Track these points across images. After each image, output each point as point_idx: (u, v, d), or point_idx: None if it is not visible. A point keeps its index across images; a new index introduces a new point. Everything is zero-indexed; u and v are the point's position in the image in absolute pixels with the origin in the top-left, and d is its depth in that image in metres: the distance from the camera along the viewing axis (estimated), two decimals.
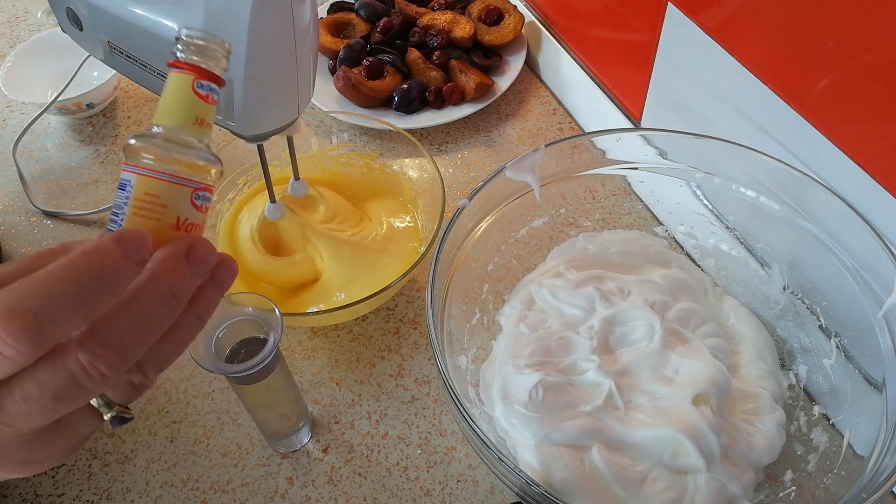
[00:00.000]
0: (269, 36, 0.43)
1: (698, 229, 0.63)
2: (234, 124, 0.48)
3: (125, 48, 0.49)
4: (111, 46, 0.50)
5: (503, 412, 0.53)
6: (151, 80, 0.49)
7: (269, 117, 0.49)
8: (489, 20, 0.87)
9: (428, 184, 0.68)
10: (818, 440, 0.52)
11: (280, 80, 0.46)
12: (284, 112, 0.49)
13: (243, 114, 0.46)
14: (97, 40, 0.50)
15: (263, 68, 0.44)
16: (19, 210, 0.77)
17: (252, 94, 0.45)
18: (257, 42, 0.43)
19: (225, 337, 0.47)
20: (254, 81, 0.45)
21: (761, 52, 0.55)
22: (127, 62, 0.49)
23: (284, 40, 0.44)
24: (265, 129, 0.49)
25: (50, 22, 0.98)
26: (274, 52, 0.44)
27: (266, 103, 0.47)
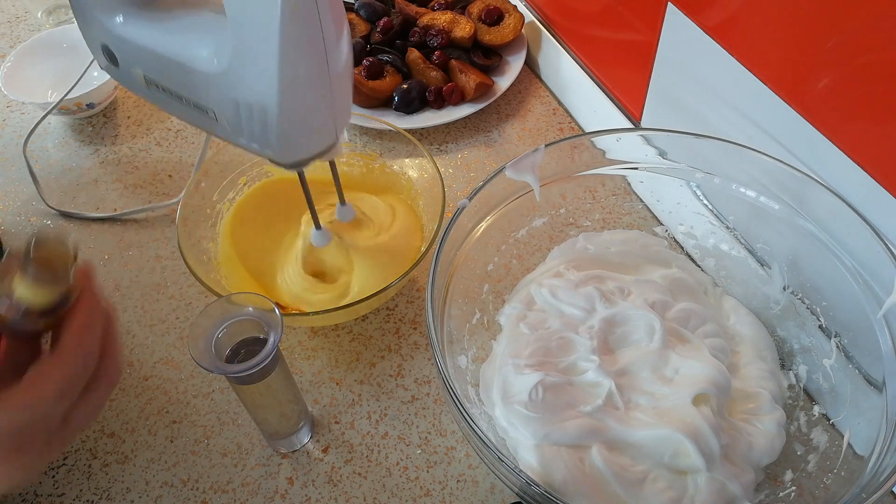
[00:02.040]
0: (301, 58, 0.42)
1: (698, 229, 0.63)
2: (272, 152, 0.47)
3: (160, 81, 0.49)
4: (147, 81, 0.49)
5: (503, 412, 0.53)
6: (188, 111, 0.49)
7: (306, 143, 0.47)
8: (489, 20, 0.87)
9: (428, 184, 0.68)
10: (818, 440, 0.52)
11: (315, 105, 0.45)
12: (322, 136, 0.48)
13: (279, 142, 0.45)
14: (134, 75, 0.50)
15: (297, 97, 0.44)
16: (18, 210, 0.77)
17: (287, 122, 0.44)
18: (289, 72, 0.42)
19: (225, 337, 0.47)
20: (288, 110, 0.44)
21: (761, 52, 0.55)
22: (164, 95, 0.49)
23: (317, 60, 0.43)
24: (304, 156, 0.48)
25: (50, 22, 0.99)
26: (307, 81, 0.43)
27: (302, 130, 0.46)
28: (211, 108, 0.47)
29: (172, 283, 0.71)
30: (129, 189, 0.79)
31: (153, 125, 0.86)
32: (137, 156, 0.83)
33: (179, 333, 0.67)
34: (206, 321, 0.47)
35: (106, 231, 0.75)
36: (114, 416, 0.62)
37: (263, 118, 0.44)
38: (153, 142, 0.84)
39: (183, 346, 0.66)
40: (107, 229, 0.75)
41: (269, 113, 0.44)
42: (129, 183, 0.80)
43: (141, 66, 0.49)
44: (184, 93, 0.48)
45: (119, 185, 0.80)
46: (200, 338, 0.46)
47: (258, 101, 0.44)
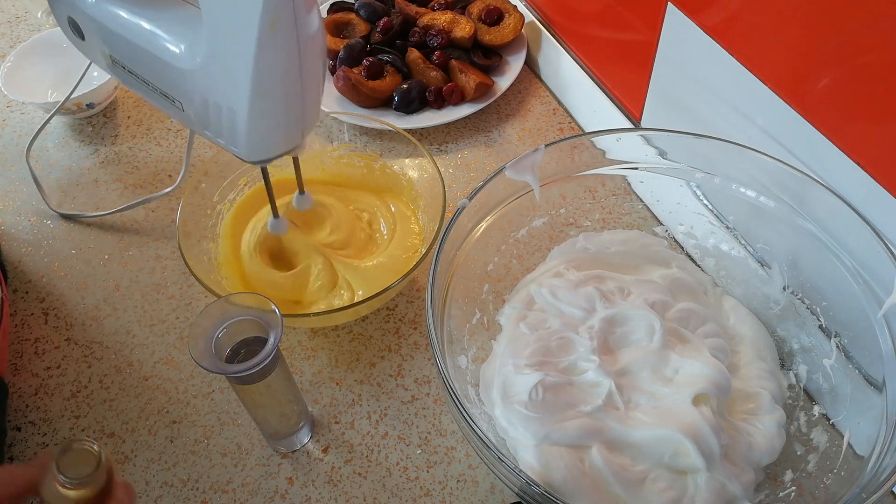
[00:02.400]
0: (274, 66, 0.42)
1: (698, 229, 0.63)
2: (237, 150, 0.47)
3: (127, 63, 0.48)
4: (113, 61, 0.49)
5: (503, 412, 0.53)
6: (153, 95, 0.48)
7: (273, 144, 0.47)
8: (489, 20, 0.87)
9: (428, 183, 0.68)
10: (818, 440, 0.52)
11: (285, 108, 0.45)
12: (289, 138, 0.48)
13: (247, 141, 0.46)
14: (99, 52, 0.50)
15: (268, 97, 0.43)
16: (18, 210, 0.77)
17: (256, 122, 0.44)
18: (263, 69, 0.42)
19: (225, 337, 0.47)
20: (258, 110, 0.44)
21: (761, 52, 0.55)
22: (129, 76, 0.49)
23: (290, 69, 0.43)
24: (269, 155, 0.48)
25: (50, 22, 0.98)
26: (279, 81, 0.43)
27: (270, 131, 0.46)
28: (178, 98, 0.47)
29: (172, 283, 0.71)
30: (129, 189, 0.79)
31: (153, 125, 0.86)
32: (137, 156, 0.83)
33: (179, 333, 0.67)
34: (206, 321, 0.47)
35: (106, 231, 0.75)
36: (114, 416, 0.62)
37: (232, 118, 0.44)
38: (153, 142, 0.84)
39: (183, 346, 0.66)
40: (107, 229, 0.75)
41: (239, 115, 0.44)
42: (129, 183, 0.80)
43: (108, 46, 0.48)
44: (152, 80, 0.47)
45: (119, 185, 0.80)
46: (200, 338, 0.46)
47: (228, 103, 0.44)
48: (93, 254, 0.73)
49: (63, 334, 0.67)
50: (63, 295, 0.70)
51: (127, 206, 0.76)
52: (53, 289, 0.71)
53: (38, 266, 0.73)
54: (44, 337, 0.67)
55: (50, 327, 0.68)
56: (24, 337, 0.67)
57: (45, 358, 0.66)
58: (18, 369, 0.65)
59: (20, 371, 0.65)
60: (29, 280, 0.71)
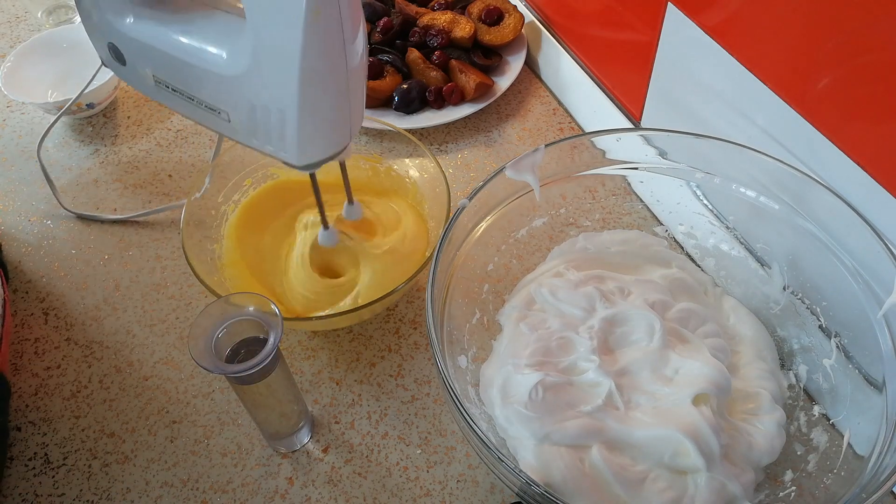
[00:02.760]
0: (321, 61, 0.42)
1: (698, 229, 0.63)
2: (287, 154, 0.46)
3: (170, 81, 0.48)
4: (156, 81, 0.49)
5: (503, 412, 0.53)
6: (198, 111, 0.48)
7: (322, 145, 0.47)
8: (489, 20, 0.87)
9: (429, 184, 0.68)
10: (818, 440, 0.52)
11: (333, 107, 0.45)
12: (338, 138, 0.47)
13: (297, 144, 0.45)
14: (142, 75, 0.49)
15: (316, 98, 0.43)
16: (18, 210, 0.78)
17: (305, 124, 0.44)
18: (309, 74, 0.42)
19: (225, 337, 0.47)
20: (306, 113, 0.43)
21: (761, 52, 0.55)
22: (174, 95, 0.49)
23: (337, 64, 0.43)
24: (319, 158, 0.48)
25: (50, 22, 0.99)
26: (326, 81, 0.43)
27: (319, 132, 0.46)
28: (224, 109, 0.46)
29: (172, 283, 0.71)
30: (129, 189, 0.79)
31: (153, 125, 0.86)
32: (137, 156, 0.83)
33: (179, 333, 0.67)
34: (207, 321, 0.47)
35: (106, 231, 0.75)
36: (114, 416, 0.62)
37: (281, 121, 0.44)
38: (153, 142, 0.84)
39: (183, 346, 0.66)
40: (107, 229, 0.75)
41: (288, 116, 0.44)
42: (129, 183, 0.80)
43: (150, 66, 0.48)
44: (196, 94, 0.47)
45: (119, 185, 0.80)
46: (200, 338, 0.46)
47: (276, 105, 0.44)
48: (93, 254, 0.73)
49: (63, 334, 0.67)
50: (63, 295, 0.70)
51: (153, 211, 0.76)
52: (53, 289, 0.71)
53: (38, 266, 0.73)
54: (44, 337, 0.67)
55: (50, 327, 0.68)
56: (24, 337, 0.67)
57: (45, 358, 0.66)
58: (18, 369, 0.65)
59: (20, 371, 0.65)
60: (29, 280, 0.71)
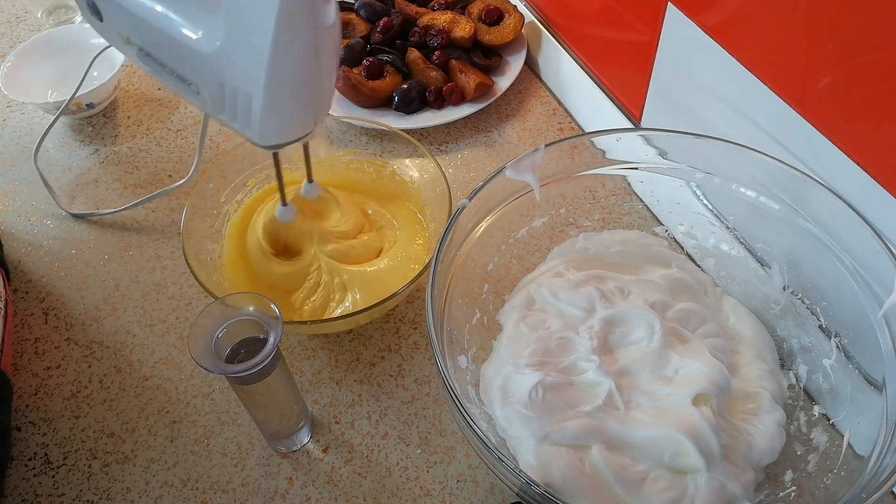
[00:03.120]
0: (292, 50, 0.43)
1: (698, 229, 0.63)
2: (251, 133, 0.47)
3: (144, 46, 0.49)
4: (130, 42, 0.49)
5: (503, 412, 0.53)
6: (170, 79, 0.49)
7: (286, 129, 0.48)
8: (489, 20, 0.87)
9: (429, 184, 0.68)
10: (818, 440, 0.52)
11: (300, 93, 0.46)
12: (302, 124, 0.48)
13: (261, 125, 0.46)
14: (117, 33, 0.50)
15: (284, 81, 0.44)
16: (18, 210, 0.78)
17: (271, 106, 0.45)
18: (279, 55, 0.42)
19: (225, 337, 0.47)
20: (273, 94, 0.44)
21: (761, 52, 0.55)
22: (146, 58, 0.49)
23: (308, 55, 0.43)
24: (281, 140, 0.48)
25: (50, 22, 0.99)
26: (296, 67, 0.44)
27: (284, 115, 0.46)
28: (195, 82, 0.47)
29: (172, 283, 0.71)
30: (129, 189, 0.79)
31: (153, 125, 0.86)
32: (137, 156, 0.83)
33: (179, 333, 0.67)
34: (207, 321, 0.47)
35: (106, 231, 0.75)
36: (114, 416, 0.62)
37: (247, 102, 0.45)
38: (153, 142, 0.84)
39: (183, 346, 0.66)
40: (107, 229, 0.75)
41: (254, 99, 0.44)
42: (129, 183, 0.80)
43: (126, 28, 0.49)
44: (169, 63, 0.48)
45: (119, 185, 0.80)
46: (200, 338, 0.46)
47: (244, 87, 0.44)
48: (93, 254, 0.73)
49: (63, 334, 0.67)
50: (63, 295, 0.70)
51: (141, 201, 0.76)
52: (53, 289, 0.71)
53: (38, 266, 0.73)
54: (44, 337, 0.67)
55: (50, 327, 0.68)
56: (24, 337, 0.67)
57: (45, 358, 0.66)
58: (18, 369, 0.65)
59: (20, 371, 0.65)
60: (29, 280, 0.71)
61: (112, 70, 0.82)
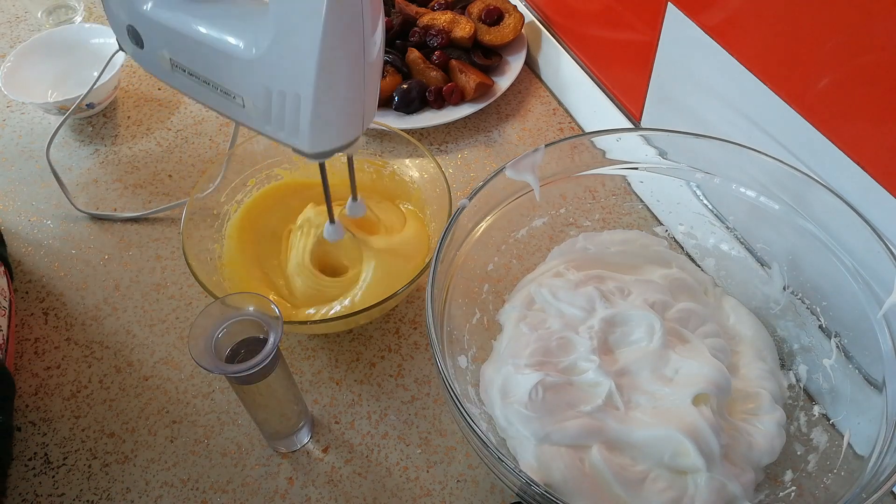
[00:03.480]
0: (340, 53, 0.43)
1: (698, 229, 0.63)
2: (299, 141, 0.47)
3: (187, 65, 0.49)
4: (173, 64, 0.49)
5: (503, 412, 0.53)
6: (213, 96, 0.49)
7: (335, 134, 0.47)
8: (489, 20, 0.87)
9: (429, 184, 0.68)
10: (818, 440, 0.52)
11: (348, 96, 0.46)
12: (350, 129, 0.48)
13: (310, 131, 0.46)
14: (159, 58, 0.50)
15: (332, 86, 0.44)
16: (18, 210, 0.78)
17: (320, 111, 0.45)
18: (328, 59, 0.42)
19: (225, 337, 0.47)
20: (322, 99, 0.44)
21: (761, 52, 0.55)
22: (190, 79, 0.49)
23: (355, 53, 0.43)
24: (330, 147, 0.48)
25: (50, 22, 0.99)
26: (344, 69, 0.44)
27: (333, 120, 0.46)
28: (240, 94, 0.47)
29: (172, 283, 0.71)
30: (129, 189, 0.79)
31: (153, 125, 0.86)
32: (137, 156, 0.83)
33: (179, 333, 0.67)
34: (207, 321, 0.47)
35: (106, 231, 0.75)
36: (114, 416, 0.62)
37: (296, 107, 0.45)
38: (153, 142, 0.84)
39: (183, 346, 0.66)
40: (107, 229, 0.75)
41: (303, 101, 0.44)
42: (129, 183, 0.80)
43: (168, 49, 0.49)
44: (212, 78, 0.48)
45: (119, 185, 0.80)
46: (200, 338, 0.46)
47: (292, 89, 0.44)
48: (93, 254, 0.73)
49: (63, 334, 0.67)
50: (63, 295, 0.70)
51: (165, 207, 0.76)
52: (53, 289, 0.71)
53: (38, 266, 0.73)
54: (44, 337, 0.67)
55: (50, 327, 0.68)
56: (24, 337, 0.67)
57: (45, 358, 0.66)
58: (18, 369, 0.65)
59: (20, 371, 0.65)
60: (29, 280, 0.71)
61: (112, 70, 0.82)
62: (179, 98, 0.89)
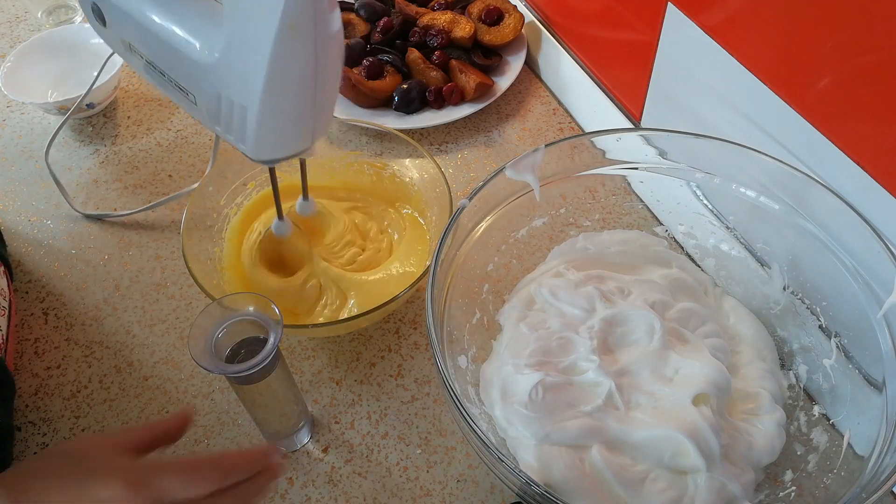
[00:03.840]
0: (289, 67, 0.42)
1: (698, 229, 0.63)
2: (244, 147, 0.47)
3: (145, 53, 0.49)
4: (132, 49, 0.50)
5: (503, 412, 0.53)
6: (168, 87, 0.49)
7: (281, 145, 0.47)
8: (489, 20, 0.87)
9: (429, 184, 0.68)
10: (818, 440, 0.52)
11: (296, 111, 0.45)
12: (298, 141, 0.48)
13: (255, 140, 0.46)
14: (119, 39, 0.50)
15: (280, 98, 0.43)
16: (18, 210, 0.77)
17: (266, 122, 0.44)
18: (277, 69, 0.42)
19: (225, 337, 0.47)
20: (269, 108, 0.44)
21: (761, 52, 0.55)
22: (146, 65, 0.49)
23: (306, 72, 0.43)
24: (275, 156, 0.48)
25: (50, 22, 0.99)
26: (293, 81, 0.43)
27: (279, 132, 0.46)
28: (192, 92, 0.47)
29: (172, 283, 0.71)
30: (129, 189, 0.79)
31: (153, 125, 0.86)
32: (137, 156, 0.83)
33: (179, 333, 0.67)
34: (207, 321, 0.47)
35: (106, 231, 0.75)
36: (114, 416, 0.62)
37: (242, 116, 0.45)
38: (153, 142, 0.84)
39: (183, 346, 0.66)
40: (107, 229, 0.75)
41: (249, 113, 0.44)
42: (128, 183, 0.80)
43: (128, 34, 0.49)
44: (167, 71, 0.48)
45: (119, 185, 0.80)
46: (200, 338, 0.46)
47: (239, 100, 0.44)
48: (93, 254, 0.73)
49: (63, 334, 0.67)
50: (63, 295, 0.70)
51: (156, 203, 0.76)
52: (53, 289, 0.71)
53: (38, 266, 0.73)
54: (44, 337, 0.67)
55: (50, 327, 0.68)
56: (24, 337, 0.67)
57: (45, 358, 0.66)
58: (18, 369, 0.65)
59: (20, 371, 0.65)
60: (29, 280, 0.71)
61: (112, 70, 0.82)
62: None
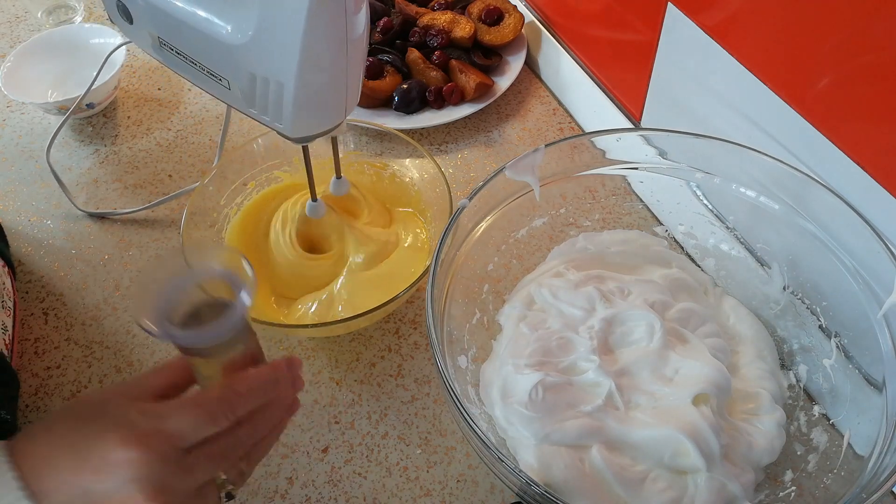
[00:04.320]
0: (323, 40, 0.43)
1: (698, 229, 0.63)
2: (282, 125, 0.48)
3: (175, 44, 0.49)
4: (161, 42, 0.50)
5: (503, 412, 0.53)
6: (200, 76, 0.49)
7: (317, 119, 0.48)
8: (489, 20, 0.87)
9: (429, 184, 0.68)
10: (818, 440, 0.52)
11: (331, 84, 0.46)
12: (333, 114, 0.49)
13: (293, 116, 0.46)
14: (147, 34, 0.50)
15: (315, 72, 0.44)
16: (18, 210, 0.77)
17: (302, 97, 0.45)
18: (311, 47, 0.43)
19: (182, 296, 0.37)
20: (305, 85, 0.45)
21: (761, 52, 0.55)
22: (178, 58, 0.50)
23: (338, 44, 0.44)
24: (313, 132, 0.49)
25: (50, 22, 0.99)
26: (327, 56, 0.44)
27: (316, 106, 0.47)
28: (226, 77, 0.47)
29: None
30: (129, 189, 0.79)
31: (153, 125, 0.86)
32: (137, 156, 0.83)
33: None
34: (160, 272, 0.37)
35: (106, 231, 0.75)
36: None
37: (279, 93, 0.45)
38: (153, 142, 0.84)
39: None
40: (107, 229, 0.75)
41: (286, 89, 0.45)
42: (128, 183, 0.80)
43: (156, 27, 0.49)
44: (199, 59, 0.48)
45: (119, 185, 0.80)
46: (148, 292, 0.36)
47: (275, 77, 0.45)
48: (93, 254, 0.73)
49: (63, 334, 0.67)
50: (63, 295, 0.70)
51: (156, 203, 0.76)
52: (53, 289, 0.71)
53: (38, 266, 0.73)
54: (44, 337, 0.67)
55: (50, 327, 0.68)
56: (24, 337, 0.67)
57: (45, 358, 0.66)
58: (18, 369, 0.65)
59: (20, 371, 0.65)
60: (29, 280, 0.71)
61: (112, 70, 0.82)
62: (179, 98, 0.89)
